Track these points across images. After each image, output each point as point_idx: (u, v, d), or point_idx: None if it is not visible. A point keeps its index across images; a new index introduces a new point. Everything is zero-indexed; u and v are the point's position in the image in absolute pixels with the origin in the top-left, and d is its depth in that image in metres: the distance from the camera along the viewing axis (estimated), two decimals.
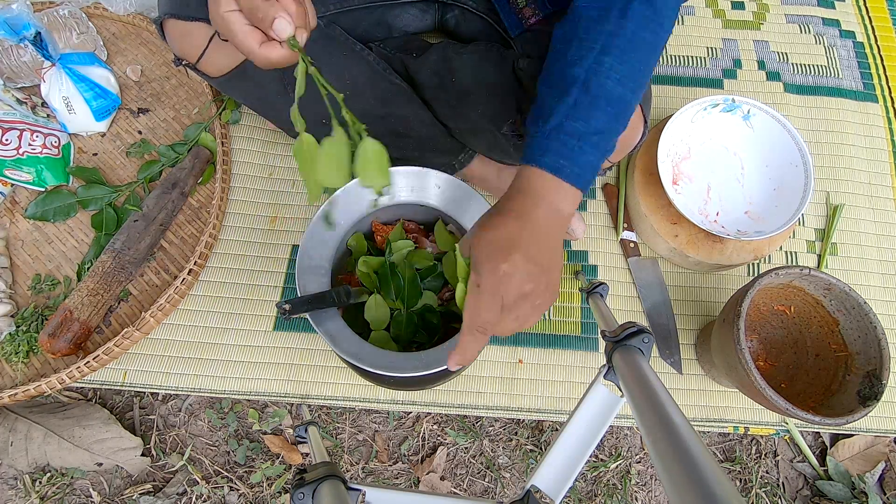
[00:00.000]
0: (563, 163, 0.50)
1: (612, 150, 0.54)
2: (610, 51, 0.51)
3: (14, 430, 0.83)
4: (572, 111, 0.50)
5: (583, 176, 0.50)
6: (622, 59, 0.51)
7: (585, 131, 0.50)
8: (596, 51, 0.51)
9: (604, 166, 0.72)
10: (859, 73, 1.09)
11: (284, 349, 0.88)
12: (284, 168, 0.98)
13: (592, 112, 0.51)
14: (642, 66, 0.53)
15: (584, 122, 0.50)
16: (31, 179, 0.92)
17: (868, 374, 0.72)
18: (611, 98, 0.51)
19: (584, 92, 0.51)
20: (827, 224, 0.98)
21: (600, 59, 0.51)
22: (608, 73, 0.51)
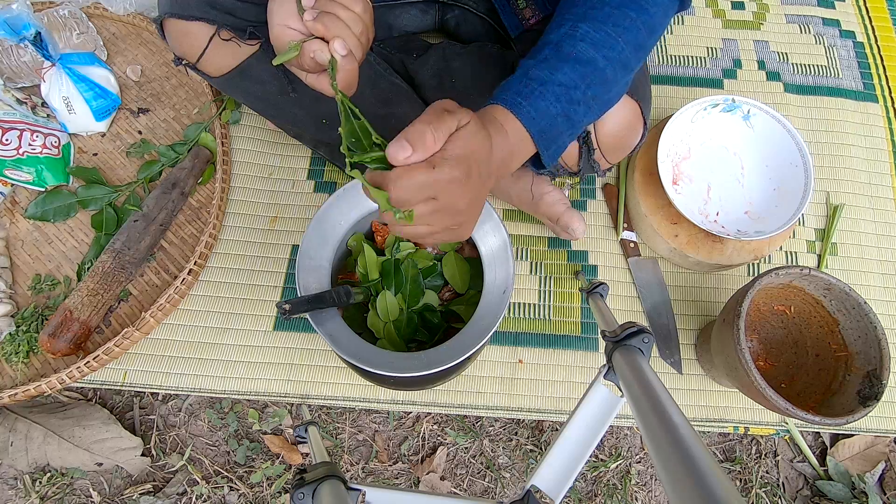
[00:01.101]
0: (521, 101, 0.50)
1: (580, 119, 0.53)
2: (587, 19, 0.52)
3: (14, 430, 0.83)
4: (540, 63, 0.51)
5: (538, 122, 0.50)
6: (598, 28, 0.52)
7: (548, 80, 0.50)
8: (574, 20, 0.52)
9: (604, 167, 0.72)
10: (859, 73, 1.09)
11: (284, 349, 0.88)
12: (284, 168, 0.98)
13: (559, 65, 0.51)
14: (622, 41, 0.52)
15: (548, 72, 0.51)
16: (31, 179, 0.92)
17: (868, 374, 0.72)
18: (581, 59, 0.51)
19: (556, 50, 0.52)
20: (827, 224, 0.98)
21: (576, 25, 0.52)
22: (582, 37, 0.51)
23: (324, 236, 0.66)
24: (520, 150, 0.51)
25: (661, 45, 1.11)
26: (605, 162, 0.71)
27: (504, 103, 0.50)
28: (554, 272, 0.93)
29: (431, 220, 0.45)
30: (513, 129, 0.50)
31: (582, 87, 0.52)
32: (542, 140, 0.51)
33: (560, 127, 0.52)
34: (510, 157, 0.51)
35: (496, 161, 0.48)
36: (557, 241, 0.95)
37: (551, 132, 0.52)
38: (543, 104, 0.50)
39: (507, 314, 0.91)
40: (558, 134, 0.52)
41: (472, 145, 0.44)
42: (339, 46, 0.48)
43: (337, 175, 0.98)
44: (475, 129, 0.45)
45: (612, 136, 0.68)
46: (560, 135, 0.53)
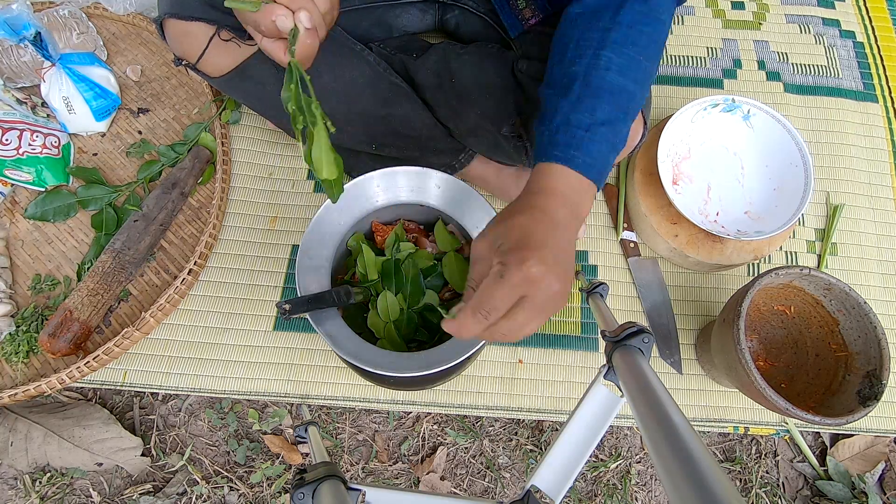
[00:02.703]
0: (574, 153, 0.50)
1: (623, 143, 0.53)
2: (606, 45, 0.52)
3: (14, 430, 0.83)
4: (576, 104, 0.51)
5: (595, 166, 0.50)
6: (619, 52, 0.51)
7: (592, 122, 0.50)
8: (593, 47, 0.52)
9: None
10: (859, 73, 1.09)
11: (284, 349, 0.88)
12: (284, 168, 0.98)
13: (596, 103, 0.51)
14: (643, 58, 0.53)
15: (589, 114, 0.51)
16: (31, 179, 0.92)
17: (868, 374, 0.72)
18: (613, 89, 0.51)
19: (586, 86, 0.51)
20: (827, 224, 0.98)
21: (598, 54, 0.52)
22: (607, 66, 0.51)
23: (324, 236, 0.66)
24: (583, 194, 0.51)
25: None
26: (616, 155, 0.71)
27: (559, 161, 0.50)
28: None
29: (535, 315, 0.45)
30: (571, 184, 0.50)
31: (621, 117, 0.52)
32: (600, 180, 0.52)
33: (610, 160, 0.53)
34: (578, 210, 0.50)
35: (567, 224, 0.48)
36: None
37: (606, 169, 0.53)
38: (595, 148, 0.50)
39: None
40: (609, 166, 0.53)
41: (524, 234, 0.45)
42: (304, 18, 0.47)
43: None
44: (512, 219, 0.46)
45: None
46: (610, 165, 0.54)
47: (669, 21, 0.55)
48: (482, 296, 0.44)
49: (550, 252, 0.45)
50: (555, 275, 0.45)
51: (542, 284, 0.44)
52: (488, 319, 0.44)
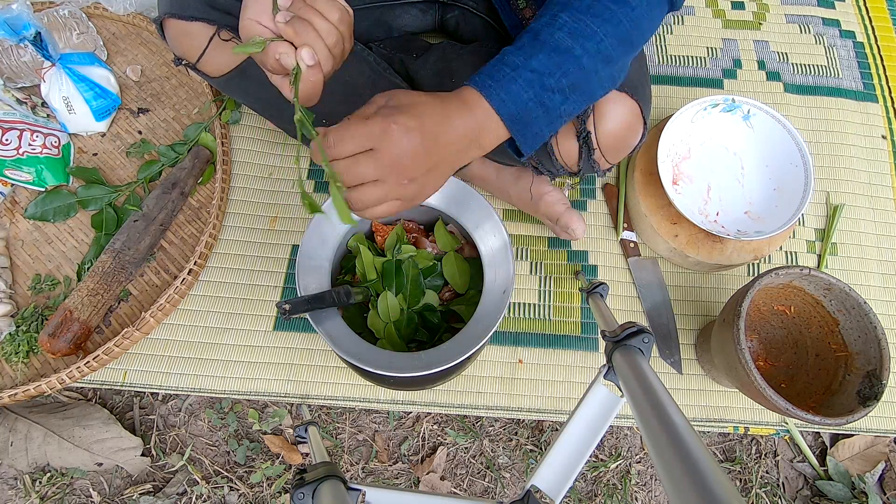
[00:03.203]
0: (491, 84, 0.50)
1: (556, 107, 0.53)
2: (567, 9, 0.52)
3: (14, 430, 0.83)
4: (516, 50, 0.52)
5: (507, 104, 0.50)
6: (577, 18, 0.52)
7: (521, 66, 0.51)
8: (555, 10, 0.53)
9: (603, 167, 0.72)
10: (859, 73, 1.09)
11: (284, 349, 0.88)
12: (284, 168, 0.98)
13: (534, 52, 0.51)
14: (599, 31, 0.52)
15: (522, 58, 0.51)
16: (31, 179, 0.92)
17: (868, 374, 0.72)
18: (557, 47, 0.51)
19: (533, 38, 0.52)
20: (827, 224, 0.98)
21: (556, 15, 0.52)
22: (560, 26, 0.52)
23: (324, 236, 0.66)
24: (490, 129, 0.51)
25: (661, 45, 1.11)
26: (604, 162, 0.71)
27: (474, 85, 0.50)
28: (554, 272, 0.93)
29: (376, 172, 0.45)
30: (481, 110, 0.50)
31: (556, 75, 0.52)
32: (514, 124, 0.52)
33: (534, 113, 0.52)
34: (479, 134, 0.51)
35: (460, 133, 0.49)
36: (557, 241, 0.95)
37: (524, 117, 0.52)
38: (514, 88, 0.50)
39: (507, 314, 0.91)
40: (532, 120, 0.53)
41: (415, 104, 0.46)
42: (306, 55, 0.48)
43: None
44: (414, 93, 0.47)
45: (612, 136, 0.68)
46: (535, 121, 0.53)
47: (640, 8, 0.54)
48: (341, 126, 0.45)
49: (422, 130, 0.45)
50: (411, 149, 0.45)
51: (394, 147, 0.44)
52: (334, 149, 0.44)
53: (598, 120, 0.66)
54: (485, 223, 0.66)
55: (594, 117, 0.66)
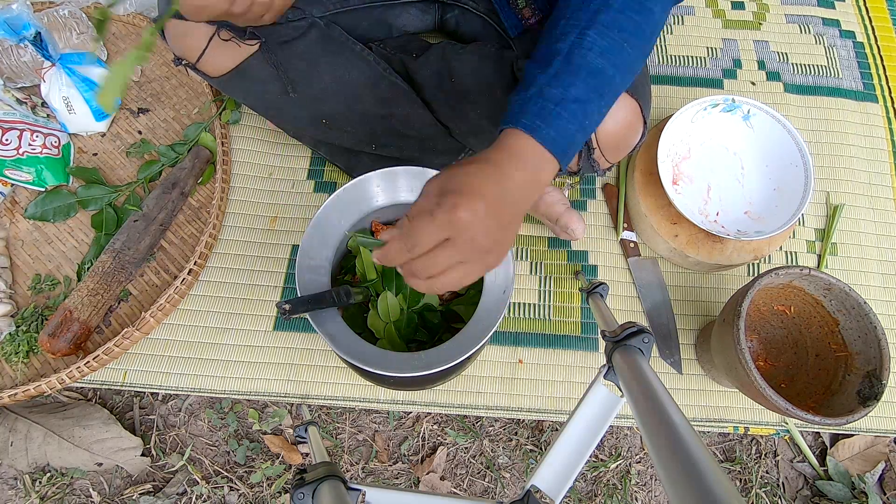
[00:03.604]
0: (540, 124, 0.49)
1: (594, 126, 0.53)
2: (593, 26, 0.52)
3: (14, 430, 0.83)
4: (553, 80, 0.51)
5: (558, 142, 0.50)
6: (604, 35, 0.51)
7: (563, 98, 0.50)
8: (580, 27, 0.52)
9: (603, 166, 0.72)
10: (859, 73, 1.09)
11: (284, 349, 0.88)
12: (284, 168, 0.98)
13: (572, 80, 0.51)
14: (626, 45, 0.52)
15: (562, 90, 0.50)
16: (31, 179, 0.92)
17: (868, 374, 0.72)
18: (592, 70, 0.51)
19: (566, 63, 0.51)
20: (827, 224, 0.98)
21: (583, 34, 0.52)
22: (590, 46, 0.51)
23: (324, 236, 0.66)
24: (545, 168, 0.51)
25: (661, 45, 1.11)
26: (604, 161, 0.71)
27: (523, 128, 0.50)
28: (554, 272, 0.93)
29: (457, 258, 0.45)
30: (534, 154, 0.50)
31: (595, 100, 0.52)
32: (563, 157, 0.51)
33: (577, 140, 0.52)
34: (535, 180, 0.50)
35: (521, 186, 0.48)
36: (557, 241, 0.95)
37: (571, 148, 0.52)
38: (562, 124, 0.50)
39: (507, 314, 0.91)
40: (575, 146, 0.53)
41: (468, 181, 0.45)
42: None
43: (337, 175, 0.98)
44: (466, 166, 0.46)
45: (612, 136, 0.68)
46: (577, 146, 0.53)
47: (660, 13, 0.54)
48: (411, 228, 0.44)
49: (486, 202, 0.45)
50: (484, 226, 0.45)
51: (469, 230, 0.44)
52: (411, 253, 0.45)
53: None
54: None
55: None
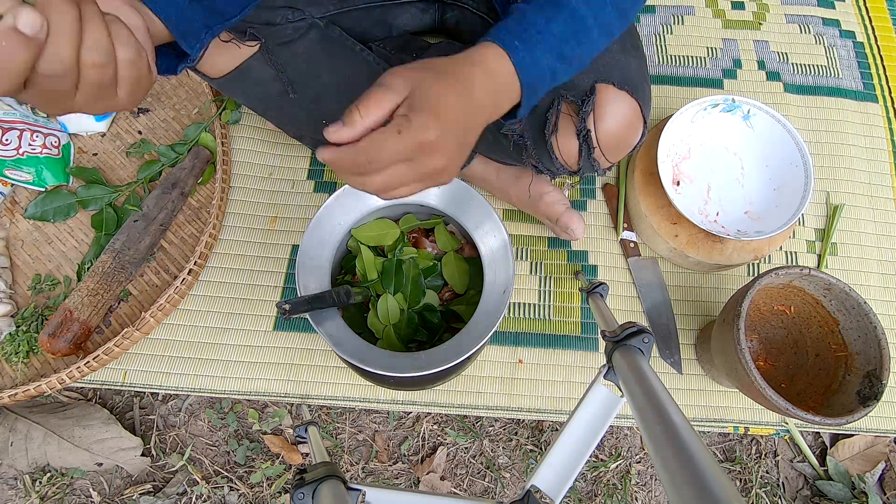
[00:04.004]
0: (518, 45, 0.49)
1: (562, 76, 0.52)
2: None
3: (14, 430, 0.83)
4: (538, 9, 0.51)
5: (530, 70, 0.49)
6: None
7: (545, 29, 0.50)
8: None
9: (603, 166, 0.72)
10: (859, 73, 1.09)
11: (284, 349, 0.88)
12: (284, 168, 0.98)
13: (555, 15, 0.51)
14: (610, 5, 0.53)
15: (545, 20, 0.50)
16: (31, 179, 0.92)
17: (868, 374, 0.72)
18: (574, 14, 0.51)
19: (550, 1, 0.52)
20: (827, 224, 0.98)
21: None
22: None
23: (324, 236, 0.66)
24: (505, 93, 0.50)
25: (661, 45, 1.11)
26: (604, 161, 0.71)
27: (502, 44, 0.48)
28: (554, 272, 0.93)
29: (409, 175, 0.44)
30: (502, 72, 0.49)
31: (572, 44, 0.51)
32: (528, 91, 0.50)
33: (545, 82, 0.51)
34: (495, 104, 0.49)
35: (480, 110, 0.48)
36: (557, 241, 0.95)
37: (537, 85, 0.51)
38: (538, 54, 0.49)
39: (507, 314, 0.91)
40: (541, 89, 0.52)
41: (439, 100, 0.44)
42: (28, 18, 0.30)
43: (337, 175, 0.98)
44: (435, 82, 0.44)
45: (612, 135, 0.67)
46: (542, 90, 0.52)
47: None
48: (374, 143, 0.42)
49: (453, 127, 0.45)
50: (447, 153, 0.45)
51: (433, 157, 0.44)
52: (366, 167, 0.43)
53: (597, 118, 0.66)
54: (485, 223, 0.66)
55: (594, 115, 0.66)
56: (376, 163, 0.42)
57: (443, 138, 0.44)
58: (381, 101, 0.42)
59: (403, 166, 0.43)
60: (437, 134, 0.43)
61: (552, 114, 0.67)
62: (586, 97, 0.65)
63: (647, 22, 1.13)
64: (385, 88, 0.43)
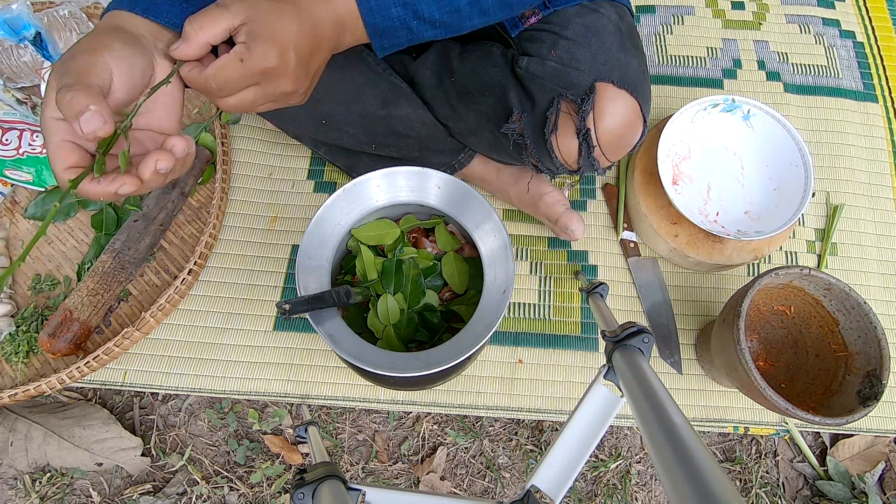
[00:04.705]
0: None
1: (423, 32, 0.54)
2: None
3: (14, 430, 0.83)
4: None
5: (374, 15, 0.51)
6: None
7: None
8: None
9: (603, 165, 0.72)
10: (859, 73, 1.09)
11: (284, 349, 0.88)
12: (284, 168, 0.98)
13: None
14: None
15: None
16: (31, 179, 0.92)
17: (868, 374, 0.72)
18: None
19: None
20: (827, 224, 0.98)
21: None
22: None
23: (323, 236, 0.66)
24: (349, 29, 0.51)
25: (661, 45, 1.11)
26: (604, 160, 0.71)
27: None
28: (554, 272, 0.93)
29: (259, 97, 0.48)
30: (346, 7, 0.50)
31: (432, 7, 0.52)
32: (375, 35, 0.52)
33: (399, 32, 0.53)
34: (339, 31, 0.51)
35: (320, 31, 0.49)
36: (557, 241, 0.95)
37: (387, 32, 0.53)
38: (386, 2, 0.51)
39: (507, 314, 0.91)
40: (394, 36, 0.53)
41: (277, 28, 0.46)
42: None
43: (337, 175, 0.98)
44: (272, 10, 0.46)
45: (612, 134, 0.68)
46: (396, 37, 0.54)
47: None
48: (220, 72, 0.45)
49: (295, 55, 0.47)
50: (292, 77, 0.47)
51: (278, 81, 0.47)
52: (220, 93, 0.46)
53: (597, 117, 0.66)
54: (485, 223, 0.66)
55: (594, 114, 0.66)
56: (225, 89, 0.46)
57: (284, 64, 0.46)
58: (216, 19, 0.44)
59: (252, 90, 0.47)
60: (278, 61, 0.46)
61: (552, 112, 0.67)
62: (586, 96, 0.65)
63: (647, 22, 1.13)
64: (222, 8, 0.45)
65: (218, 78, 0.45)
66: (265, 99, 0.48)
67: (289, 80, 0.48)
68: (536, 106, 0.69)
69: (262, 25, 0.45)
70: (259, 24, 0.45)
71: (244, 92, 0.47)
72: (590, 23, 0.68)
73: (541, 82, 0.68)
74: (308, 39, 0.48)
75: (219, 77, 0.45)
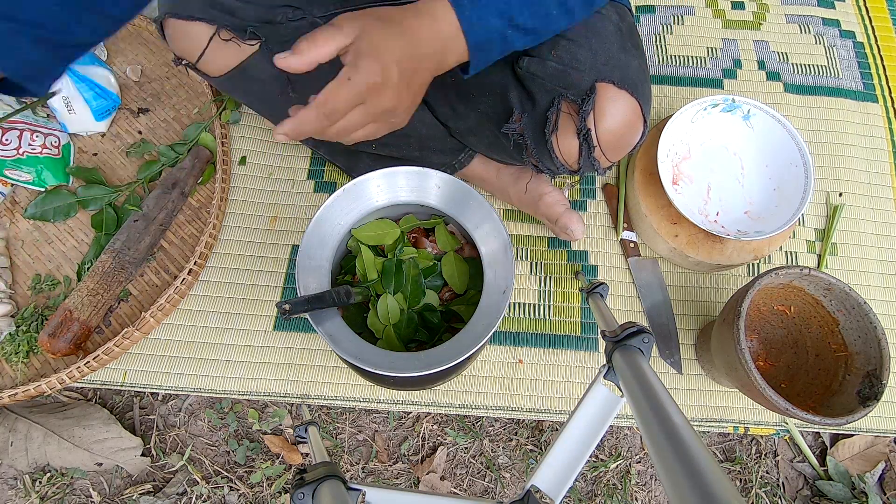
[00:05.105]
0: (466, 2, 0.50)
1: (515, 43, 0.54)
2: None
3: (14, 430, 0.83)
4: None
5: (476, 30, 0.51)
6: None
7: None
8: None
9: (604, 165, 0.72)
10: (859, 73, 1.09)
11: (284, 349, 0.88)
12: (284, 168, 0.98)
13: None
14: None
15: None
16: (31, 179, 0.92)
17: (868, 374, 0.72)
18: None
19: None
20: (827, 224, 0.98)
21: None
22: None
23: (323, 236, 0.66)
24: (451, 48, 0.52)
25: (661, 45, 1.11)
26: (605, 160, 0.71)
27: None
28: (554, 272, 0.93)
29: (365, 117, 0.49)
30: (449, 27, 0.51)
31: (525, 14, 0.53)
32: (475, 50, 0.52)
33: (496, 45, 0.53)
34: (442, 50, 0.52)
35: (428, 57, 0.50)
36: (557, 241, 0.95)
37: (486, 46, 0.53)
38: (487, 15, 0.51)
39: (507, 314, 0.91)
40: (492, 51, 0.54)
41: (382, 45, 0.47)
42: None
43: (337, 175, 0.98)
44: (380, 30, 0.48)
45: (612, 134, 0.68)
46: (492, 51, 0.54)
47: None
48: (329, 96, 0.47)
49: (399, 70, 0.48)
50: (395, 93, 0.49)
51: (381, 97, 0.48)
52: (329, 119, 0.48)
53: (598, 117, 0.66)
54: (485, 223, 0.66)
55: (594, 114, 0.66)
56: (336, 113, 0.47)
57: (388, 80, 0.48)
58: (329, 38, 0.46)
59: (358, 111, 0.48)
60: (383, 76, 0.47)
61: (552, 113, 0.67)
62: (586, 96, 0.65)
63: (647, 22, 1.13)
64: (336, 28, 0.47)
65: (328, 103, 0.47)
66: (370, 118, 0.49)
67: (391, 93, 0.49)
68: (537, 106, 0.69)
69: (369, 43, 0.47)
70: (366, 41, 0.47)
71: (351, 114, 0.48)
72: (590, 23, 0.68)
73: (541, 82, 0.68)
74: (411, 57, 0.49)
75: (329, 102, 0.46)
